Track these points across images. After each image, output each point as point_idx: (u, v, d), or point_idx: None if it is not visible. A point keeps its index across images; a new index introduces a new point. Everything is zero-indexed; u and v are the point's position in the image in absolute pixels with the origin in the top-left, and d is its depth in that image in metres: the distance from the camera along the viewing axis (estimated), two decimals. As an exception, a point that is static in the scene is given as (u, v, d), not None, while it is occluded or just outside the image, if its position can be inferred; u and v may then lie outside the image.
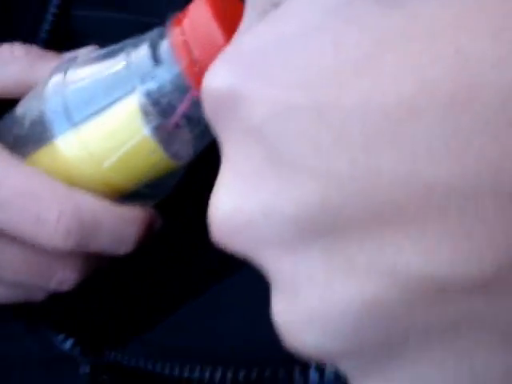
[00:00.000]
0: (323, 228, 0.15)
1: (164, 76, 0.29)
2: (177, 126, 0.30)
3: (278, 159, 0.15)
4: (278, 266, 0.16)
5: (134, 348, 0.35)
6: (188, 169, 0.33)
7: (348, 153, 0.14)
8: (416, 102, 0.14)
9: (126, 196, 0.32)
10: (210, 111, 0.18)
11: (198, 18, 0.27)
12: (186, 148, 0.31)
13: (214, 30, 0.27)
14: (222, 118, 0.17)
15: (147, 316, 0.36)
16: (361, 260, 0.15)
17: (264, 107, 0.15)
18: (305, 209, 0.15)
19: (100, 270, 0.34)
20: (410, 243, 0.14)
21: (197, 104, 0.29)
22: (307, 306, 0.15)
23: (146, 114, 0.29)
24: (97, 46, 0.34)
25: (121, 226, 0.31)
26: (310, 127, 0.15)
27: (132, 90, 0.29)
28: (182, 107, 0.29)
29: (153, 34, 0.30)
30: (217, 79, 0.17)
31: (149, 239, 0.33)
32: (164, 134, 0.30)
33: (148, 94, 0.29)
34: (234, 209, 0.16)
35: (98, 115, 0.30)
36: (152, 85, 0.29)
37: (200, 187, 0.28)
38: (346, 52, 0.15)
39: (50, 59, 0.35)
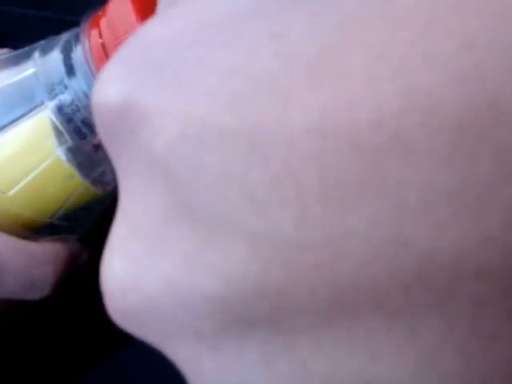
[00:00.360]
0: (261, 318, 0.10)
1: (78, 88, 0.24)
2: (97, 147, 0.25)
3: (191, 210, 0.11)
4: (195, 366, 0.12)
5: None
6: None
7: (295, 207, 0.10)
8: (402, 124, 0.09)
9: (38, 230, 0.27)
10: (101, 132, 0.13)
11: (118, 16, 0.22)
12: (111, 173, 0.26)
13: (137, 28, 0.22)
14: (116, 145, 0.12)
15: (71, 370, 0.30)
16: (317, 368, 0.10)
17: (171, 130, 0.10)
18: (231, 287, 0.10)
19: (16, 316, 0.29)
20: (397, 348, 0.10)
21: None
22: None
23: (58, 132, 0.24)
24: (10, 50, 0.28)
25: (31, 268, 0.26)
26: (237, 163, 0.10)
27: (40, 105, 0.24)
28: (103, 125, 0.24)
29: (67, 35, 0.24)
30: (107, 89, 0.12)
31: (73, 279, 0.28)
32: (82, 157, 0.25)
33: (59, 110, 0.24)
34: (129, 280, 0.12)
35: (0, 134, 0.24)
36: (64, 99, 0.24)
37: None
38: (291, 48, 0.10)
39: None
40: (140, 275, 0.11)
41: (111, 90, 0.12)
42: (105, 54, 0.23)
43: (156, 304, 0.11)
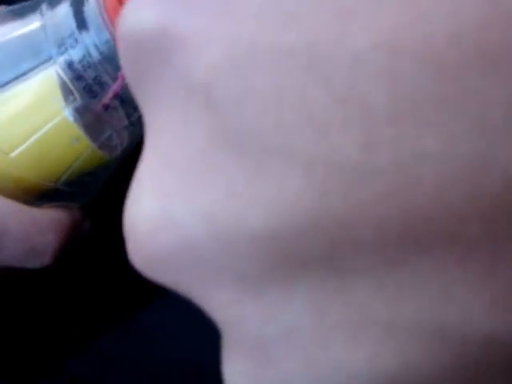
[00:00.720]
0: (315, 257, 0.09)
1: (90, 43, 0.22)
2: (107, 108, 0.23)
3: (237, 138, 0.10)
4: (234, 315, 0.11)
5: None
6: (123, 163, 0.27)
7: (361, 129, 0.09)
8: (485, 37, 0.08)
9: (41, 196, 0.25)
10: (128, 66, 0.12)
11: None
12: (118, 137, 0.25)
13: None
14: (145, 77, 0.11)
15: (71, 342, 0.29)
16: (377, 312, 0.09)
17: (215, 52, 0.10)
18: (283, 221, 0.09)
19: (11, 285, 0.28)
20: (471, 285, 0.09)
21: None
22: (284, 377, 0.10)
23: (66, 90, 0.23)
24: (4, 7, 0.27)
25: (33, 234, 0.25)
26: (293, 84, 0.09)
27: (48, 60, 0.23)
28: (115, 85, 0.23)
29: (77, -13, 0.23)
30: (139, 15, 0.11)
31: (73, 248, 0.27)
32: (90, 118, 0.23)
33: (69, 66, 0.23)
34: (161, 219, 0.10)
35: (3, 91, 0.23)
36: (74, 54, 0.22)
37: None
38: None
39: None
40: (175, 212, 0.10)
41: (143, 15, 0.11)
42: (120, 5, 0.21)
43: (192, 244, 0.10)
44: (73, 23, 0.22)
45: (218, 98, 0.10)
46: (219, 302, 0.11)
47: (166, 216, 0.10)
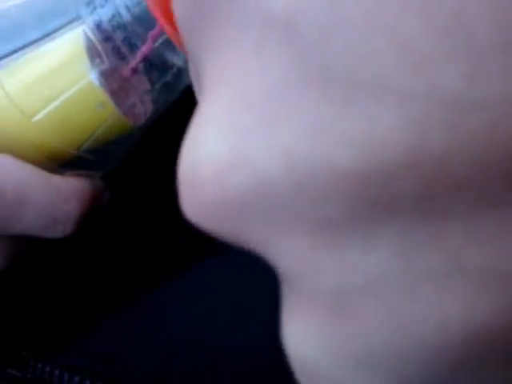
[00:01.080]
0: (406, 199, 0.09)
1: (121, 3, 0.21)
2: (134, 72, 0.23)
3: (322, 72, 0.09)
4: (308, 267, 0.10)
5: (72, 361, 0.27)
6: (146, 133, 0.26)
7: (466, 60, 0.08)
8: None
9: (63, 163, 0.24)
10: (184, 4, 0.11)
11: None
12: (142, 105, 0.24)
13: None
14: (208, 11, 0.10)
15: (89, 317, 0.29)
16: (473, 257, 0.09)
17: None
18: (374, 160, 0.09)
19: (31, 256, 0.27)
20: None
21: (164, 45, 0.22)
22: (365, 333, 0.10)
23: (93, 52, 0.22)
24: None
25: (55, 202, 0.24)
26: (389, 14, 0.09)
27: (75, 20, 0.22)
28: (144, 47, 0.22)
29: None
30: None
31: (94, 218, 0.26)
32: (116, 83, 0.23)
33: (98, 26, 0.22)
34: (232, 159, 0.10)
35: (26, 52, 0.22)
36: (103, 13, 0.22)
37: (163, 155, 0.22)
38: None
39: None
40: (248, 151, 0.09)
41: None
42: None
43: (267, 185, 0.09)
44: (102, -18, 0.22)
45: (301, 30, 0.09)
46: (291, 250, 0.10)
47: (236, 155, 0.10)
